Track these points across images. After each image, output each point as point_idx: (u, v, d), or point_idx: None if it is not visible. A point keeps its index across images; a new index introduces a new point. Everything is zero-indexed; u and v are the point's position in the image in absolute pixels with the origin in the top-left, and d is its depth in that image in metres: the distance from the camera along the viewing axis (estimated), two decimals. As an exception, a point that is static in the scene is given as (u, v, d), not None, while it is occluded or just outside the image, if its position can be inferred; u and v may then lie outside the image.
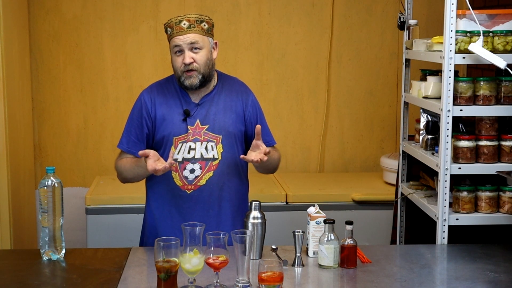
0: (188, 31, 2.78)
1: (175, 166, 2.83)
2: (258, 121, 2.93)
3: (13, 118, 4.11)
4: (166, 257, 2.28)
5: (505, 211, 2.93)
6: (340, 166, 4.92)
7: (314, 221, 2.66)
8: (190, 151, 2.84)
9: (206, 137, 2.85)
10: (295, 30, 4.79)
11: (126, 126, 2.93)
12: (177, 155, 2.83)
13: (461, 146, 2.93)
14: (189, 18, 2.80)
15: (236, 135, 2.89)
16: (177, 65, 2.81)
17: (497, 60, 2.82)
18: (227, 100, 2.89)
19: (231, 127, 2.87)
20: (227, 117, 2.87)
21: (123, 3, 4.69)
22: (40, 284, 2.42)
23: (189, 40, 2.78)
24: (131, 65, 4.73)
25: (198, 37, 2.79)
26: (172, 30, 2.80)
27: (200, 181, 2.84)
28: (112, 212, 4.10)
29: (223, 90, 2.91)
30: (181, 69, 2.80)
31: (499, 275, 2.53)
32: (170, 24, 2.81)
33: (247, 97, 2.94)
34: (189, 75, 2.79)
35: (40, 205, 2.60)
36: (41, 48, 4.67)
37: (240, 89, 2.95)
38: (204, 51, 2.81)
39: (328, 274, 2.53)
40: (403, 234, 3.61)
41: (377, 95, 4.88)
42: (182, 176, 2.84)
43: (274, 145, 3.00)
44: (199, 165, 2.84)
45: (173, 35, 2.80)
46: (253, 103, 2.95)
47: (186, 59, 2.78)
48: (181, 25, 2.78)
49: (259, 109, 2.98)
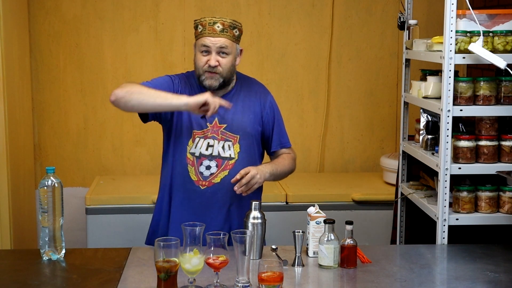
0: (220, 34, 2.79)
1: (192, 160, 2.84)
2: (275, 122, 2.96)
3: (13, 118, 4.11)
4: (166, 257, 2.28)
5: (505, 211, 2.93)
6: (340, 166, 4.92)
7: (314, 221, 2.66)
8: (208, 147, 2.85)
9: (224, 136, 2.86)
10: (295, 30, 4.79)
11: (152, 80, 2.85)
12: (194, 149, 2.85)
13: (461, 146, 2.93)
14: (224, 22, 2.80)
15: (254, 135, 2.90)
16: (201, 64, 2.81)
17: (497, 60, 2.82)
18: (245, 101, 2.91)
19: (249, 128, 2.89)
20: (245, 118, 2.89)
21: (123, 3, 4.69)
22: (40, 284, 2.42)
23: (219, 44, 2.79)
24: (131, 65, 4.73)
25: (228, 42, 2.80)
26: (204, 29, 2.79)
27: (214, 179, 2.85)
28: (112, 212, 4.10)
29: (242, 91, 2.92)
30: (204, 69, 2.80)
31: (499, 275, 2.53)
32: (203, 22, 2.81)
33: (265, 98, 2.96)
34: (211, 76, 2.80)
35: (40, 205, 2.60)
36: (41, 48, 4.67)
37: (259, 90, 2.97)
38: (231, 57, 2.82)
39: (328, 274, 2.53)
40: (403, 234, 3.61)
41: (377, 95, 4.88)
42: (198, 171, 2.85)
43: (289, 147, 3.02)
44: (215, 162, 2.85)
45: (204, 34, 2.79)
46: (271, 104, 2.97)
47: (212, 61, 2.78)
48: (215, 27, 2.79)
49: (277, 110, 2.99)
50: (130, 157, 4.78)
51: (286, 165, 2.95)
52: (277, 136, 2.97)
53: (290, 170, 2.99)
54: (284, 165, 2.94)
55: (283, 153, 3.00)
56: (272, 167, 2.88)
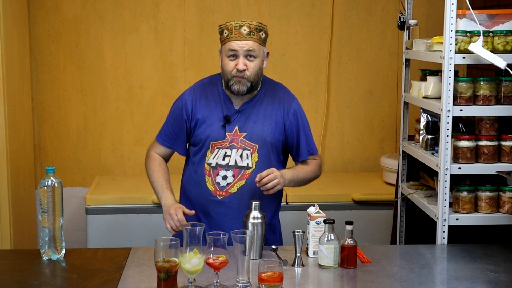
0: (247, 37, 2.76)
1: (209, 170, 2.85)
2: (300, 130, 2.92)
3: (13, 118, 4.11)
4: (166, 257, 2.28)
5: (505, 211, 2.93)
6: (340, 166, 4.91)
7: (314, 221, 2.66)
8: (225, 157, 2.84)
9: (243, 145, 2.84)
10: (295, 30, 4.79)
11: (167, 120, 2.97)
12: (212, 159, 2.85)
13: (461, 146, 2.93)
14: (250, 25, 2.78)
15: (273, 144, 2.88)
16: (229, 69, 2.79)
17: (497, 60, 2.82)
18: (268, 108, 2.88)
19: (269, 137, 2.86)
20: (266, 126, 2.86)
21: (123, 3, 4.69)
22: (40, 284, 2.42)
23: (247, 47, 2.77)
24: (131, 65, 4.73)
25: (255, 45, 2.78)
26: (230, 33, 2.77)
27: (231, 189, 2.84)
28: (112, 212, 4.10)
29: (265, 97, 2.89)
30: (232, 74, 2.78)
31: (499, 275, 2.53)
32: (229, 27, 2.79)
33: (289, 106, 2.92)
34: (239, 80, 2.78)
35: (40, 205, 2.60)
36: (41, 48, 4.66)
37: (283, 97, 2.93)
38: (258, 60, 2.80)
39: (328, 274, 2.53)
40: (403, 234, 3.61)
41: (377, 95, 4.88)
42: (215, 181, 2.85)
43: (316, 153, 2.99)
44: (232, 172, 2.84)
45: (230, 38, 2.77)
46: (295, 112, 2.93)
47: (240, 65, 2.76)
48: (241, 30, 2.76)
49: (302, 117, 2.95)
50: (130, 157, 4.78)
51: (308, 172, 2.92)
52: (305, 145, 2.93)
53: (314, 176, 2.97)
54: (306, 171, 2.91)
55: (309, 159, 2.97)
56: (293, 174, 2.86)
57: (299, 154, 2.94)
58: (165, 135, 2.96)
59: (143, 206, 4.09)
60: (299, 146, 2.93)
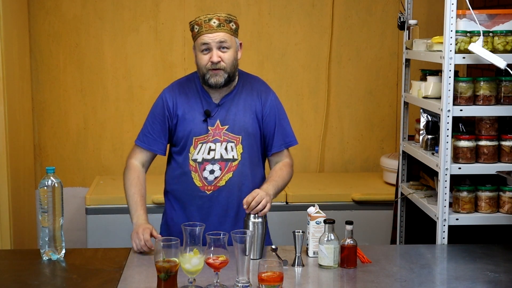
0: (218, 29, 2.77)
1: (195, 166, 2.84)
2: (276, 122, 2.92)
3: (13, 118, 4.11)
4: (166, 257, 2.28)
5: (505, 211, 2.93)
6: (340, 166, 4.92)
7: (314, 221, 2.66)
8: (210, 151, 2.84)
9: (226, 137, 2.84)
10: (295, 30, 4.79)
11: (146, 122, 2.93)
12: (196, 155, 2.84)
13: (461, 146, 2.93)
14: (219, 17, 2.79)
15: (255, 135, 2.89)
16: (203, 63, 2.79)
17: (497, 60, 2.82)
18: (247, 100, 2.89)
19: (251, 128, 2.87)
20: (247, 117, 2.87)
21: (123, 3, 4.69)
22: (40, 284, 2.42)
23: (218, 39, 2.77)
24: (131, 65, 4.73)
25: (227, 36, 2.79)
26: (200, 28, 2.78)
27: (219, 182, 2.84)
28: (112, 212, 4.10)
29: (244, 90, 2.90)
30: (207, 67, 2.79)
31: (499, 275, 2.53)
32: (198, 22, 2.80)
33: (266, 97, 2.92)
34: (215, 73, 2.78)
35: (40, 205, 2.60)
36: (41, 48, 4.67)
37: (260, 88, 2.94)
38: (232, 51, 2.81)
39: (328, 274, 2.53)
40: (403, 234, 3.61)
41: (377, 95, 4.88)
42: (202, 177, 2.84)
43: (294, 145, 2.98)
44: (218, 166, 2.84)
45: (201, 33, 2.78)
46: (272, 104, 2.92)
47: (214, 58, 2.77)
48: (211, 23, 2.78)
49: (279, 109, 2.95)
50: (130, 157, 4.77)
51: (285, 178, 2.90)
52: (281, 136, 2.92)
53: (288, 180, 2.95)
54: (283, 179, 2.89)
55: (282, 160, 2.94)
56: (274, 187, 2.81)
57: (272, 145, 2.92)
58: (144, 137, 2.91)
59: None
60: (274, 137, 2.92)
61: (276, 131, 2.92)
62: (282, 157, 2.95)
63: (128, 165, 2.92)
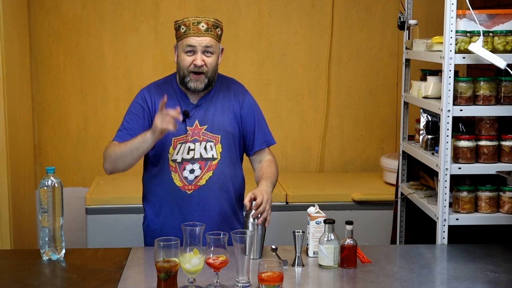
0: (205, 34, 2.78)
1: (174, 166, 2.83)
2: (255, 122, 2.94)
3: (13, 118, 4.11)
4: (166, 257, 2.28)
5: (505, 211, 2.93)
6: (340, 166, 4.91)
7: (314, 221, 2.66)
8: (189, 151, 2.84)
9: (205, 137, 2.85)
10: (295, 30, 4.79)
11: (124, 121, 2.91)
12: (176, 155, 2.84)
13: (461, 146, 2.93)
14: (208, 21, 2.80)
15: (234, 134, 2.90)
16: (185, 64, 2.80)
17: (497, 60, 2.82)
18: (225, 101, 2.90)
19: (229, 127, 2.88)
20: (225, 117, 2.88)
21: (123, 3, 4.69)
22: (40, 284, 2.42)
23: (205, 43, 2.78)
24: (131, 65, 4.73)
25: (213, 41, 2.80)
26: (187, 29, 2.78)
27: (200, 181, 2.84)
28: (112, 212, 4.10)
29: (221, 91, 2.91)
30: (189, 69, 2.79)
31: (499, 275, 2.53)
32: (186, 23, 2.79)
33: (244, 98, 2.94)
34: (197, 78, 2.80)
35: (40, 205, 2.60)
36: (41, 48, 4.67)
37: (237, 89, 2.96)
38: (215, 56, 2.82)
39: (328, 274, 2.53)
40: (403, 234, 3.60)
41: (377, 95, 4.88)
42: (182, 176, 2.84)
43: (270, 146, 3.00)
44: (198, 165, 2.84)
45: (188, 34, 2.78)
46: (249, 104, 2.95)
47: (198, 61, 2.77)
48: (199, 26, 2.78)
49: (257, 110, 2.97)
50: (130, 157, 4.77)
51: (275, 174, 2.92)
52: (261, 135, 2.95)
53: (277, 176, 2.96)
54: (274, 175, 2.91)
55: (266, 157, 2.96)
56: (270, 184, 2.83)
57: (253, 144, 2.94)
58: (122, 135, 2.85)
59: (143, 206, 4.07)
60: (254, 136, 2.94)
61: (256, 130, 2.94)
62: (265, 155, 2.97)
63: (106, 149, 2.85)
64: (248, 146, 2.96)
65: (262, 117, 3.00)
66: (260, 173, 2.90)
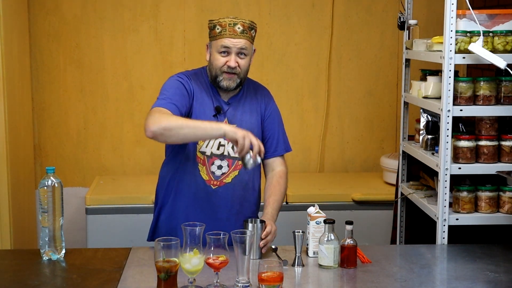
0: (241, 36, 2.79)
1: (203, 159, 2.82)
2: (279, 126, 2.95)
3: (13, 118, 4.11)
4: (166, 257, 2.28)
5: (505, 211, 2.93)
6: (340, 166, 4.92)
7: (314, 221, 2.66)
8: (219, 147, 2.83)
9: None
10: (295, 30, 4.79)
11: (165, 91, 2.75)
12: (205, 148, 2.82)
13: (461, 146, 2.93)
14: (244, 23, 2.80)
15: (258, 136, 2.89)
16: (219, 64, 2.79)
17: (497, 60, 2.82)
18: (252, 103, 2.91)
19: (256, 129, 2.88)
20: (253, 119, 2.89)
21: (123, 3, 4.69)
22: (40, 284, 2.42)
23: (240, 45, 2.78)
24: (131, 65, 4.73)
25: (248, 44, 2.81)
26: (224, 29, 2.78)
27: (226, 179, 2.84)
28: (112, 212, 4.10)
29: (249, 93, 2.92)
30: (222, 69, 2.79)
31: (499, 275, 2.53)
32: (222, 23, 2.79)
33: (269, 102, 2.97)
34: (229, 77, 2.79)
35: (40, 205, 2.60)
36: (41, 48, 4.66)
37: (263, 93, 2.98)
38: (248, 57, 2.84)
39: (328, 274, 2.53)
40: (403, 234, 3.61)
41: (377, 95, 4.88)
42: (210, 170, 2.83)
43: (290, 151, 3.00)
44: (227, 162, 2.84)
45: (224, 35, 2.77)
46: (273, 109, 2.97)
47: (232, 63, 2.77)
48: (236, 28, 2.78)
49: (278, 117, 2.98)
50: (130, 157, 4.78)
51: (283, 193, 2.93)
52: (277, 142, 2.95)
53: (285, 192, 2.97)
54: (282, 194, 2.92)
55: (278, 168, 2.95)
56: (277, 211, 2.88)
57: (276, 148, 2.95)
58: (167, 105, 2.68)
59: (143, 206, 4.08)
60: (278, 141, 2.95)
61: (278, 135, 2.95)
62: (279, 164, 2.97)
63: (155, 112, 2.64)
64: (268, 149, 2.94)
65: (282, 124, 3.00)
66: (269, 192, 2.90)
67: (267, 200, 2.88)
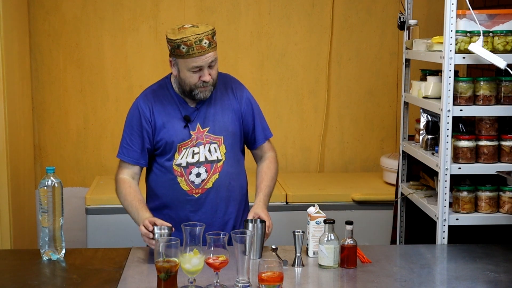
0: (209, 49, 2.71)
1: (180, 171, 2.82)
2: (255, 116, 2.93)
3: (13, 118, 4.11)
4: (166, 257, 2.28)
5: (505, 211, 2.93)
6: (340, 166, 4.92)
7: (314, 221, 2.66)
8: (194, 155, 2.83)
9: (208, 139, 2.83)
10: (295, 30, 4.79)
11: (125, 135, 2.88)
12: (180, 160, 2.82)
13: (461, 146, 2.93)
14: (207, 34, 2.71)
15: (236, 133, 2.89)
16: (193, 81, 2.75)
17: (497, 60, 2.82)
18: (223, 99, 2.88)
19: (231, 126, 2.87)
20: (226, 117, 2.87)
21: (123, 3, 4.69)
22: (40, 284, 2.42)
23: (210, 59, 2.73)
24: (131, 65, 4.73)
25: (215, 54, 2.76)
26: (190, 49, 2.69)
27: (207, 184, 2.83)
28: (112, 212, 4.10)
29: (218, 89, 2.88)
30: (197, 85, 2.76)
31: (499, 275, 2.53)
32: (187, 42, 2.68)
33: (241, 94, 2.93)
34: (204, 89, 2.77)
35: (40, 205, 2.60)
36: (41, 48, 4.67)
37: (234, 85, 2.94)
38: (217, 63, 2.80)
39: (328, 274, 2.53)
40: (403, 234, 3.61)
41: (377, 95, 4.88)
42: (189, 180, 2.83)
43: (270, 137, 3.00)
44: (204, 168, 2.83)
45: (193, 54, 2.69)
46: (247, 99, 2.93)
47: (206, 77, 2.73)
48: (202, 44, 2.69)
49: (255, 103, 2.96)
50: (130, 157, 4.77)
51: (274, 178, 2.94)
52: (261, 130, 2.95)
53: (276, 176, 2.97)
54: (273, 179, 2.93)
55: (267, 154, 2.97)
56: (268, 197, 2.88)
57: (255, 139, 2.95)
58: (127, 152, 2.84)
59: (143, 206, 4.07)
60: (254, 132, 2.94)
61: (256, 125, 2.94)
62: (266, 150, 2.98)
63: (117, 180, 2.87)
64: (250, 141, 2.96)
65: (260, 110, 2.98)
66: (260, 179, 2.92)
67: (259, 186, 2.90)
